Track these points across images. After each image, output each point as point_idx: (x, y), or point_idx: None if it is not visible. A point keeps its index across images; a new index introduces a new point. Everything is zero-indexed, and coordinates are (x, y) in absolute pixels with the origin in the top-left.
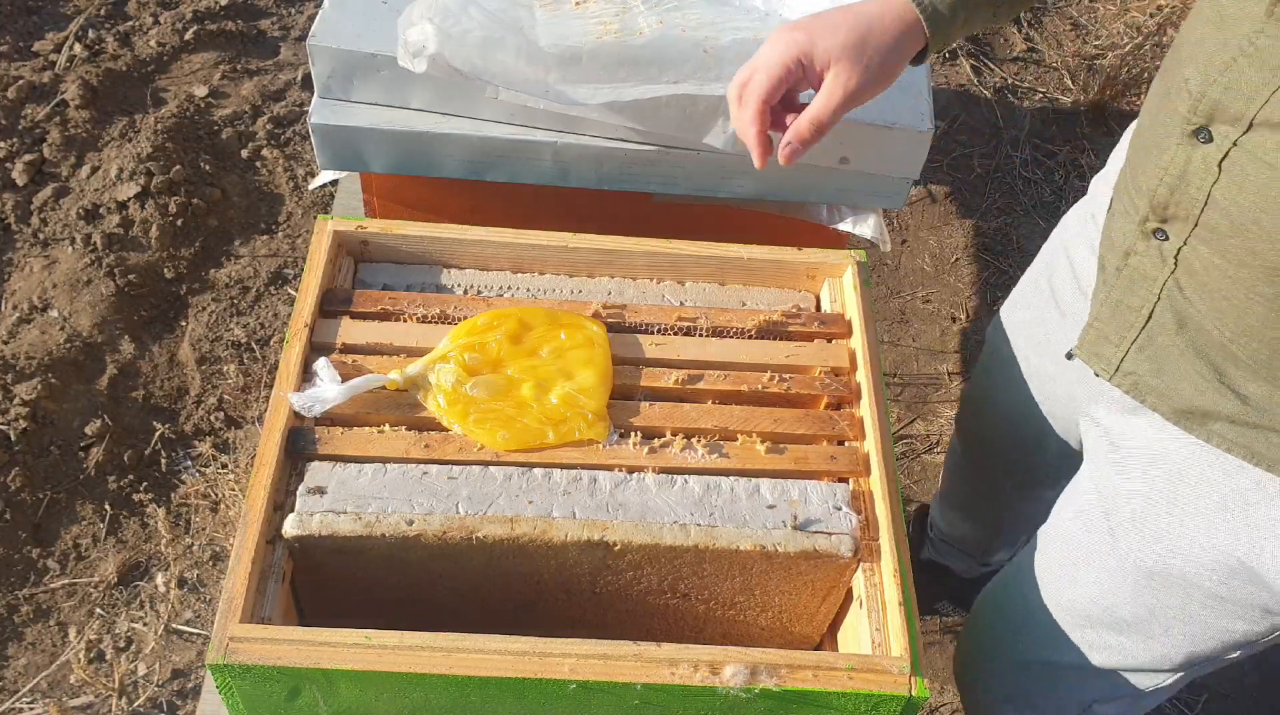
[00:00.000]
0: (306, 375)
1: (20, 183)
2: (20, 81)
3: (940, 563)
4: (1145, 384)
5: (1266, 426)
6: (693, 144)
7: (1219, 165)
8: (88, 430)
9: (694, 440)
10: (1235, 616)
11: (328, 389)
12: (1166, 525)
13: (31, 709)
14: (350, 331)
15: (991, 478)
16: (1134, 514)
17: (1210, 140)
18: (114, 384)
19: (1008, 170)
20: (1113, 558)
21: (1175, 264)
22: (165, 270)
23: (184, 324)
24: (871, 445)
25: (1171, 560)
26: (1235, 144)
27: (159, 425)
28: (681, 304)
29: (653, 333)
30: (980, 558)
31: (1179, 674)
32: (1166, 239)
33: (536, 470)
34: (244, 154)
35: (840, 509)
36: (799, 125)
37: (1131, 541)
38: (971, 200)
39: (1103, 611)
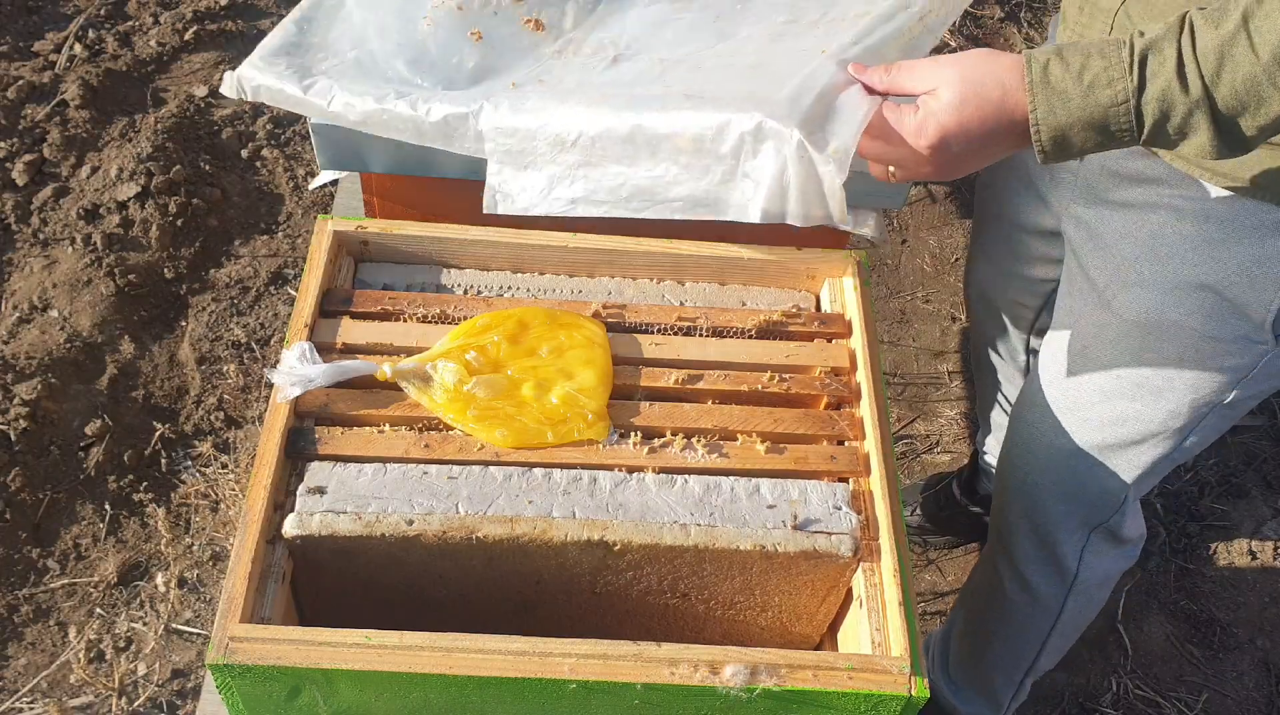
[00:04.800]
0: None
1: (20, 183)
2: (20, 81)
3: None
4: None
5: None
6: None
7: None
8: (88, 430)
9: (694, 440)
10: (1225, 353)
11: (311, 369)
12: (1152, 273)
13: (31, 709)
14: (350, 331)
15: (1001, 345)
16: (1122, 277)
17: None
18: (114, 384)
19: None
20: (1111, 326)
21: None
22: (165, 270)
23: (184, 324)
24: (871, 445)
25: (1163, 312)
26: None
27: (159, 425)
28: (681, 304)
29: (653, 333)
30: None
31: (1191, 435)
32: None
33: (536, 470)
34: (244, 154)
35: (840, 509)
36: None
37: (1123, 301)
38: (971, 200)
39: (1114, 381)
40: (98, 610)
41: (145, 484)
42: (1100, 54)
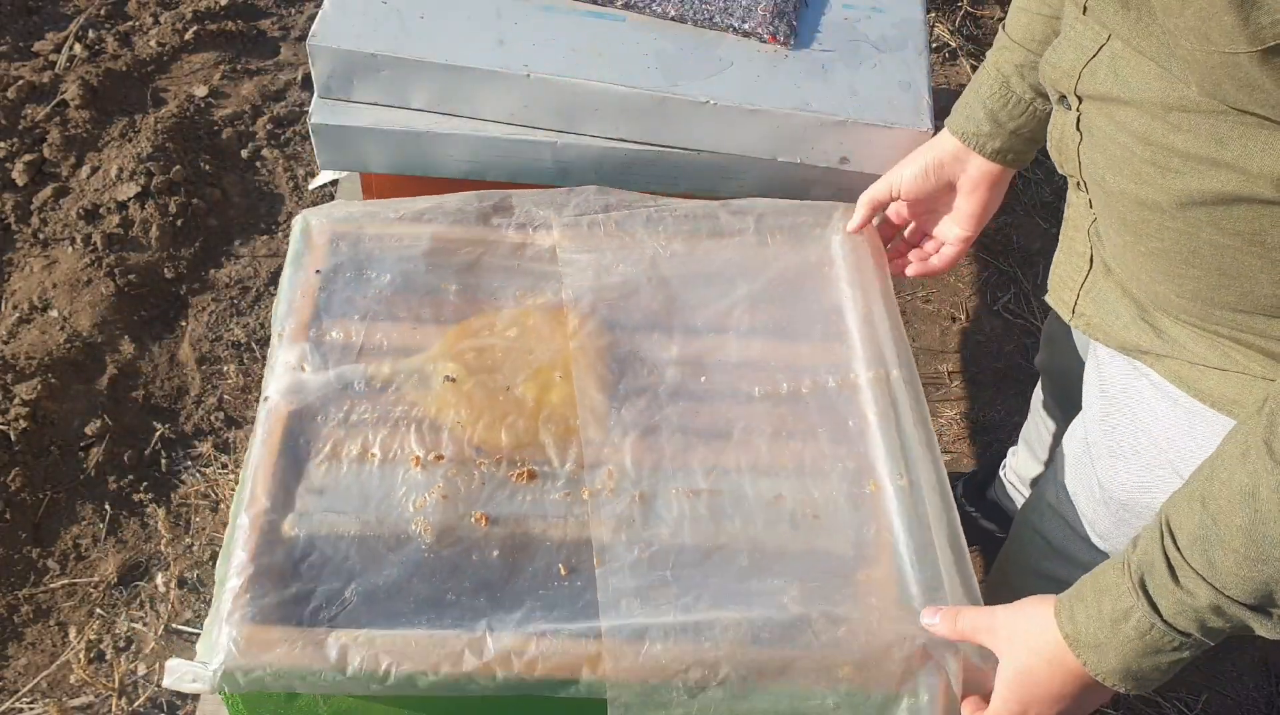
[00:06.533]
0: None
1: (20, 183)
2: (20, 81)
3: (1000, 504)
4: (1093, 323)
5: (1178, 358)
6: None
7: (1078, 128)
8: (88, 430)
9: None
10: None
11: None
12: (1133, 455)
13: (31, 709)
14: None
15: (1058, 414)
16: (1109, 447)
17: (1070, 107)
18: (114, 384)
19: None
20: (1096, 487)
21: (1093, 213)
22: (165, 270)
23: (184, 324)
24: None
25: (1139, 496)
26: (1080, 111)
27: (159, 425)
28: None
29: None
30: None
31: None
32: (1085, 190)
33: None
34: (244, 154)
35: None
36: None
37: (1105, 471)
38: None
39: (1097, 537)
40: (98, 610)
41: (145, 484)
42: (1115, 585)
